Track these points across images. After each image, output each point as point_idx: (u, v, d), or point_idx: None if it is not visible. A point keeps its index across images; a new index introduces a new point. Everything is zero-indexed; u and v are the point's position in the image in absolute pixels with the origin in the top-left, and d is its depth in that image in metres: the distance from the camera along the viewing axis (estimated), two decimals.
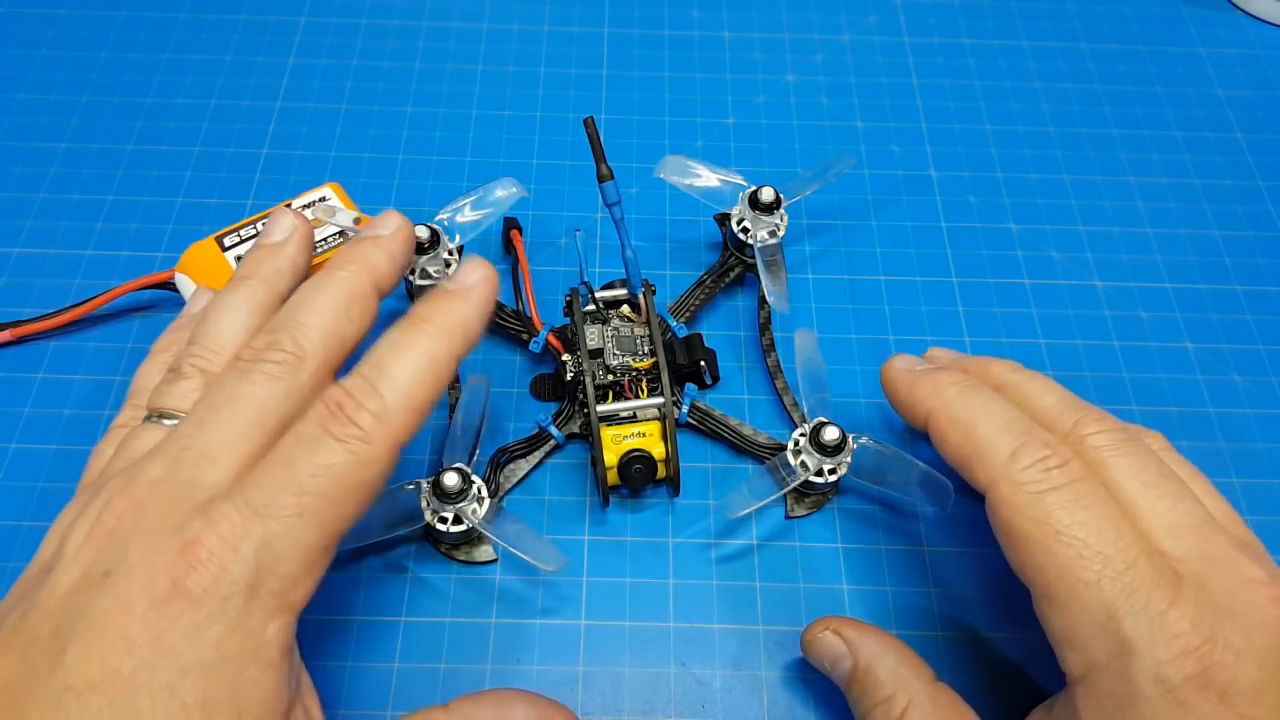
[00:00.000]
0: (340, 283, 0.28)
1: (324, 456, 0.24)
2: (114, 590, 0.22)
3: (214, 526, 0.23)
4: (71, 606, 0.22)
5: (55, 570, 0.23)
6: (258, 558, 0.23)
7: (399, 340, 0.26)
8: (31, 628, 0.22)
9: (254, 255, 0.30)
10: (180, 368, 0.28)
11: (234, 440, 0.25)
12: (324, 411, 0.25)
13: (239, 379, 0.26)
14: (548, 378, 0.38)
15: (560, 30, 0.49)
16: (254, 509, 0.23)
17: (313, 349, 0.26)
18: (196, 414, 0.25)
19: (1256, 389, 0.39)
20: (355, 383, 0.25)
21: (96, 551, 0.23)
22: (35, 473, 0.35)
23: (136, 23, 0.49)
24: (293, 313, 0.27)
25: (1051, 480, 0.26)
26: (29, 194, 0.42)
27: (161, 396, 0.28)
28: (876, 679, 0.28)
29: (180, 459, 0.24)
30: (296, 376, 0.26)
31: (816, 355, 0.35)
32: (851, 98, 0.47)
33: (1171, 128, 0.47)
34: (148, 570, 0.22)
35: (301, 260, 0.31)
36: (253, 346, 0.26)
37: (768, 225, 0.37)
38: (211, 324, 0.29)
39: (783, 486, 0.33)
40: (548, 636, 0.33)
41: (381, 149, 0.45)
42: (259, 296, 0.29)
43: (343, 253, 0.29)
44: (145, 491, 0.24)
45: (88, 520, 0.24)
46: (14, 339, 0.38)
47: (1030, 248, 0.42)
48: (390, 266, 0.29)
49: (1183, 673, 0.23)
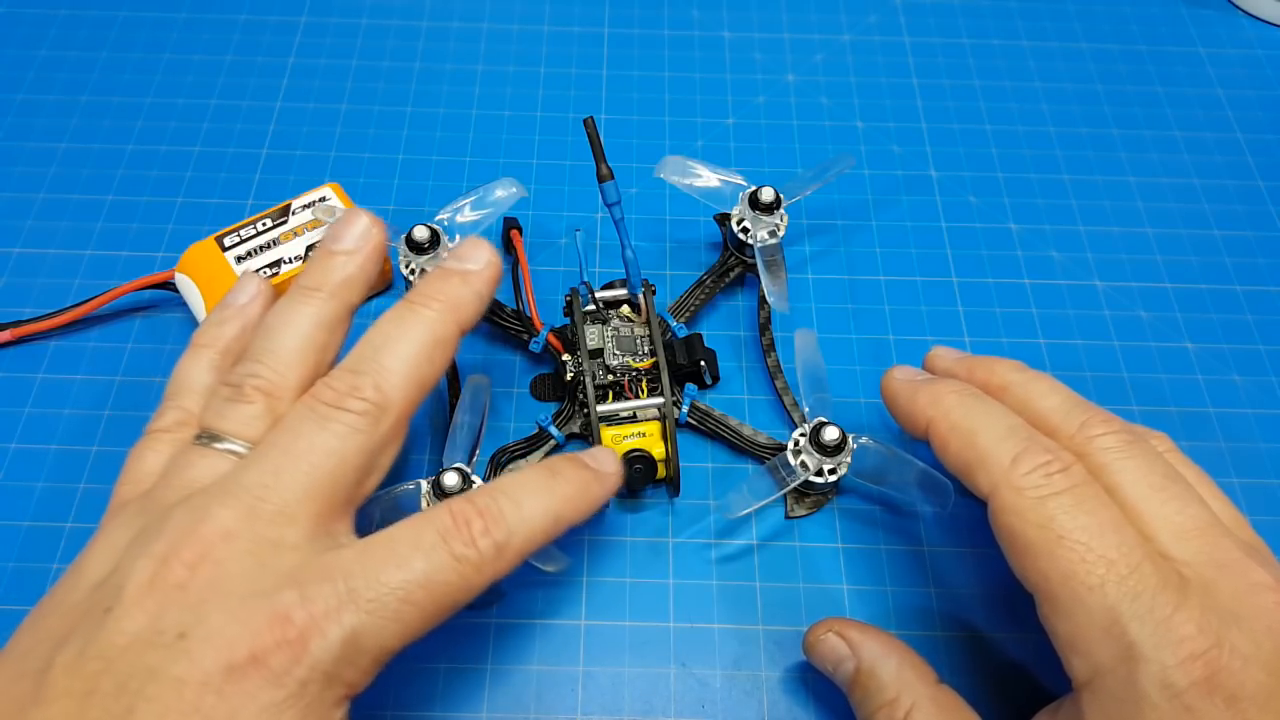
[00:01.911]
0: (426, 325, 0.26)
1: (437, 571, 0.23)
2: (189, 656, 0.21)
3: (308, 604, 0.22)
4: (140, 665, 0.21)
5: (115, 614, 0.22)
6: (343, 646, 0.22)
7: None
8: (92, 676, 0.21)
9: (323, 263, 0.28)
10: (242, 387, 0.26)
11: (312, 497, 0.24)
12: (448, 521, 0.24)
13: (319, 427, 0.24)
14: (548, 378, 0.38)
15: (560, 30, 0.49)
16: (354, 597, 0.22)
17: (396, 398, 0.25)
18: (271, 459, 0.24)
19: (1256, 389, 0.39)
20: (485, 502, 0.25)
21: (164, 603, 0.22)
22: (35, 473, 0.35)
23: (136, 23, 0.49)
24: (376, 354, 0.26)
25: (1053, 485, 0.26)
26: (29, 194, 0.42)
27: (219, 418, 0.26)
28: (879, 681, 0.28)
29: (257, 512, 0.23)
30: (377, 429, 0.25)
31: (816, 355, 0.35)
32: (851, 98, 0.47)
33: (1171, 128, 0.47)
34: (227, 639, 0.21)
35: (373, 272, 0.29)
36: (332, 388, 0.25)
37: (768, 225, 0.37)
38: (274, 339, 0.27)
39: (782, 486, 0.33)
40: (548, 636, 0.33)
41: (381, 149, 0.45)
42: (327, 312, 0.27)
43: (429, 285, 0.27)
44: (220, 544, 0.23)
45: (150, 561, 0.22)
46: (14, 339, 0.38)
47: (1030, 248, 0.42)
48: (477, 307, 0.28)
49: (1189, 677, 0.23)
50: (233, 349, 0.29)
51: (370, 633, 0.22)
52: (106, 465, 0.35)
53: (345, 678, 0.22)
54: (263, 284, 0.31)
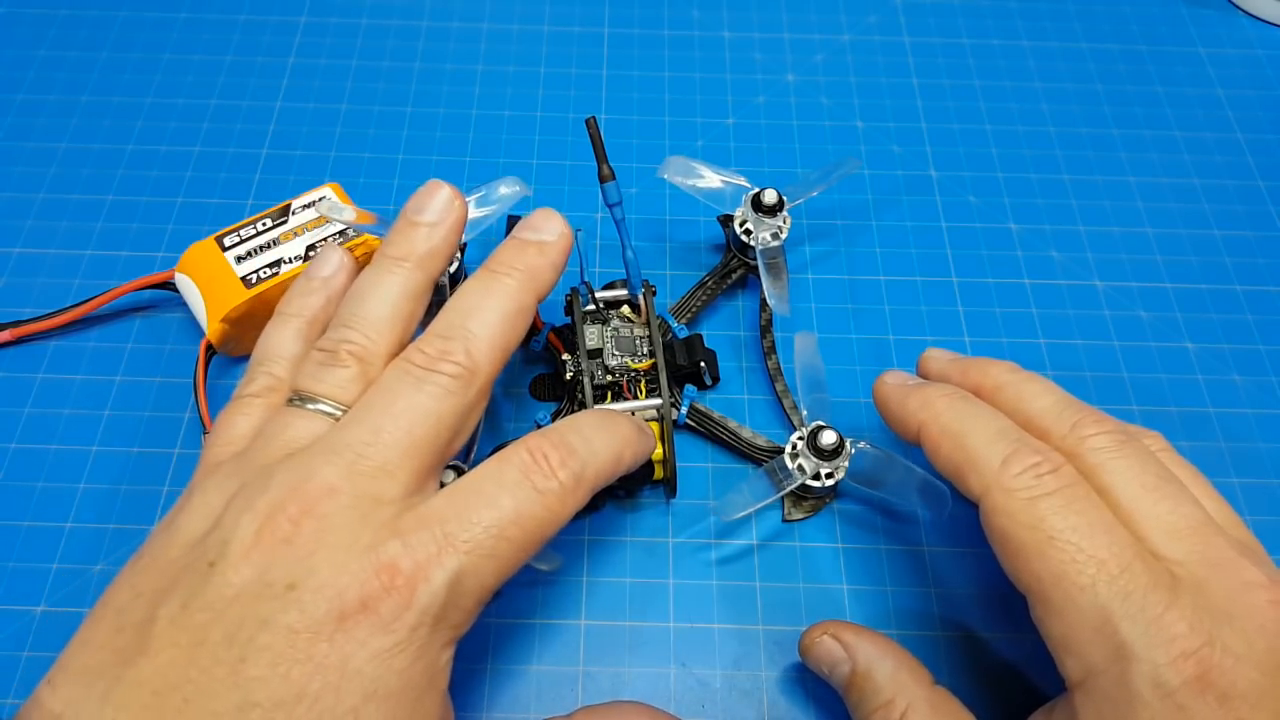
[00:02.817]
0: (508, 293, 0.27)
1: (525, 505, 0.24)
2: (300, 606, 0.22)
3: (411, 552, 0.23)
4: (251, 615, 0.21)
5: (219, 567, 0.22)
6: (448, 589, 0.23)
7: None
8: (200, 627, 0.22)
9: (406, 233, 0.29)
10: (336, 351, 0.27)
11: (410, 455, 0.24)
12: (526, 458, 0.25)
13: (415, 388, 0.25)
14: (547, 377, 0.38)
15: (560, 30, 0.49)
16: (451, 540, 0.23)
17: (484, 362, 0.26)
18: (370, 419, 0.25)
19: (1256, 389, 0.39)
20: (557, 437, 0.26)
21: (271, 557, 0.22)
22: (35, 473, 0.35)
23: (136, 23, 0.49)
24: (465, 320, 0.27)
25: (1044, 486, 0.26)
26: (29, 194, 0.42)
27: (314, 380, 0.26)
28: (875, 684, 0.28)
29: (358, 468, 0.24)
30: (468, 391, 0.26)
31: (816, 359, 0.35)
32: (851, 98, 0.47)
33: (1171, 128, 0.47)
34: (336, 588, 0.22)
35: (455, 243, 0.29)
36: (425, 351, 0.26)
37: (770, 227, 0.37)
38: (364, 305, 0.27)
39: (780, 490, 0.33)
40: (548, 636, 0.33)
41: (381, 149, 0.45)
42: (413, 281, 0.28)
43: (508, 254, 0.28)
44: (324, 499, 0.23)
45: (254, 517, 0.23)
46: (14, 339, 0.38)
47: (1030, 248, 0.42)
48: (553, 276, 0.29)
49: (1181, 676, 0.23)
50: (319, 319, 0.30)
51: (470, 573, 0.23)
52: (107, 465, 0.36)
53: (451, 620, 0.23)
54: (346, 256, 0.31)
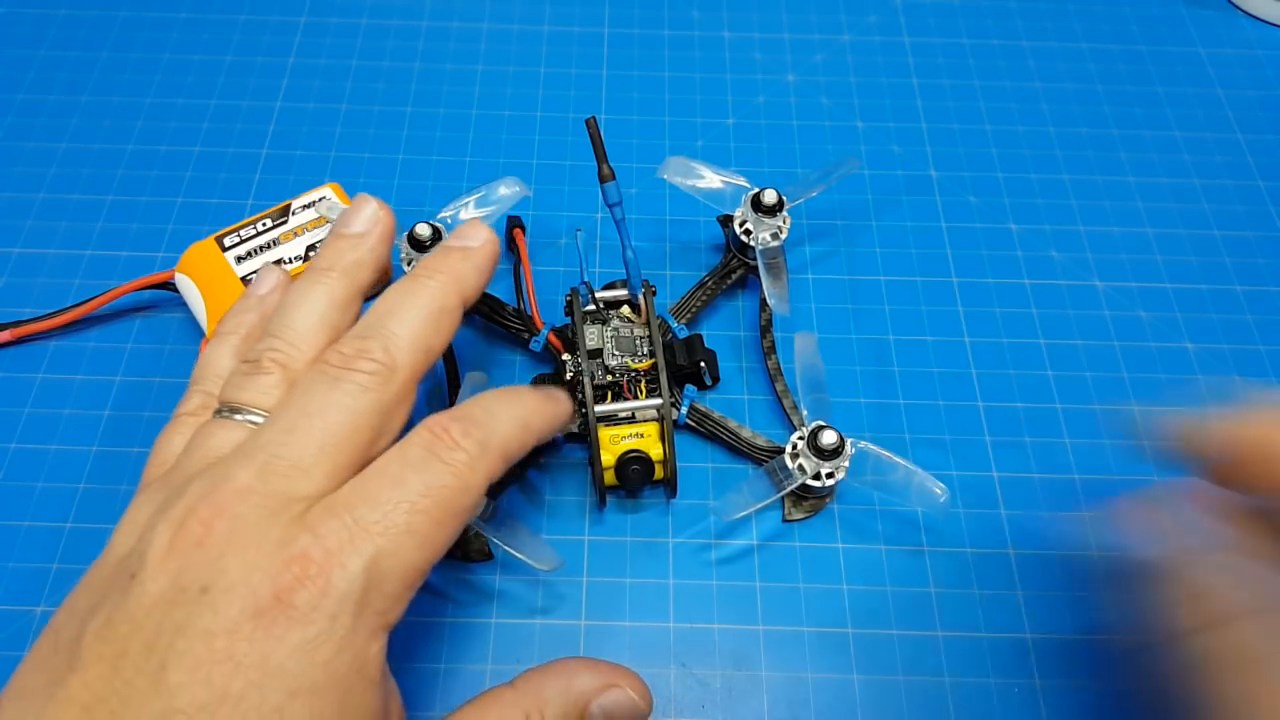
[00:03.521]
0: (430, 294, 0.27)
1: (433, 478, 0.24)
2: (214, 607, 0.21)
3: (321, 541, 0.22)
4: (167, 622, 0.21)
5: (139, 577, 0.22)
6: (366, 575, 0.22)
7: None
8: (121, 639, 0.22)
9: (334, 245, 0.29)
10: (259, 360, 0.27)
11: (326, 452, 0.24)
12: (428, 435, 0.25)
13: (330, 387, 0.25)
14: (547, 377, 0.38)
15: (560, 30, 0.49)
16: (363, 525, 0.23)
17: (403, 360, 0.26)
18: (285, 419, 0.25)
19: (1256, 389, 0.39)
20: (456, 412, 0.26)
21: (185, 561, 0.22)
22: (35, 473, 0.35)
23: (136, 23, 0.49)
24: (383, 320, 0.27)
25: None
26: (29, 194, 0.42)
27: (238, 390, 0.26)
28: None
29: (271, 467, 0.24)
30: (387, 389, 0.26)
31: (816, 360, 0.35)
32: (851, 98, 0.47)
33: (1171, 128, 0.47)
34: (249, 586, 0.22)
35: (383, 254, 0.30)
36: (342, 352, 0.26)
37: (770, 228, 0.37)
38: (290, 316, 0.28)
39: (780, 490, 0.33)
40: (548, 636, 0.33)
41: (381, 149, 0.45)
42: (339, 290, 0.28)
43: (433, 260, 0.29)
44: (235, 500, 0.23)
45: (170, 525, 0.23)
46: (14, 339, 0.38)
47: (1030, 248, 0.42)
48: (477, 280, 0.29)
49: None
50: (254, 335, 0.30)
51: (389, 554, 0.23)
52: (106, 465, 0.36)
53: (376, 607, 0.23)
54: (282, 275, 0.32)
